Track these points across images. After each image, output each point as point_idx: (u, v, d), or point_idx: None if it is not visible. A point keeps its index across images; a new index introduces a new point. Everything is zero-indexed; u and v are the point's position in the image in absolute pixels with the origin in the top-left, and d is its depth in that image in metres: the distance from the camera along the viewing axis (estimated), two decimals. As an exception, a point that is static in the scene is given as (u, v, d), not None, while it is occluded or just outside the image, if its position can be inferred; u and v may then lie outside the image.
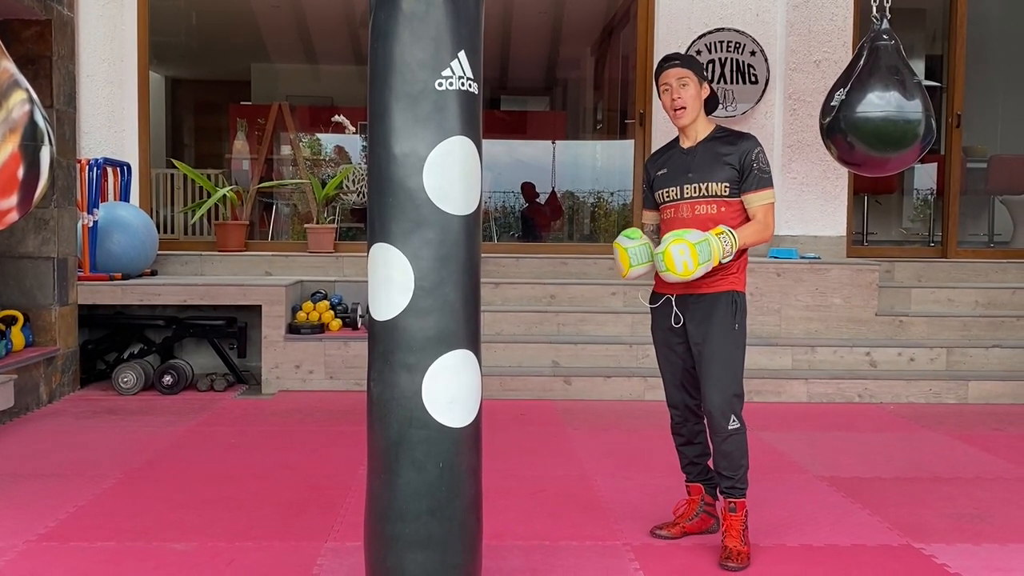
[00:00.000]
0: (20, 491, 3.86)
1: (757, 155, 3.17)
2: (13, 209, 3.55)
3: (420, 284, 2.47)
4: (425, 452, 2.49)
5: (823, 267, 6.45)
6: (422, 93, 2.46)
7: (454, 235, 2.49)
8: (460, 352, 2.52)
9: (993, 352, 6.25)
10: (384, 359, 2.52)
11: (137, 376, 5.87)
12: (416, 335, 2.48)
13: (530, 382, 5.87)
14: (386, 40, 2.48)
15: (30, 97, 3.57)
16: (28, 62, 5.39)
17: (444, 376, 2.49)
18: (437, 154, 2.46)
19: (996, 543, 3.40)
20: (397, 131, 2.47)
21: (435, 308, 2.48)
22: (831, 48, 7.07)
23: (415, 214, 2.46)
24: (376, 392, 2.55)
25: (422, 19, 2.46)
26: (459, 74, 2.49)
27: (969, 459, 4.59)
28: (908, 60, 4.02)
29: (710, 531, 3.42)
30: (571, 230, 10.13)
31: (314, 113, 9.93)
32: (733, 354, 3.19)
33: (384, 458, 2.53)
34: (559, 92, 12.56)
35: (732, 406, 3.16)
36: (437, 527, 2.50)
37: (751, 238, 3.15)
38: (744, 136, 3.25)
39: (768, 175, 3.18)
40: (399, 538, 2.50)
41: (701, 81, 3.24)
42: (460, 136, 2.49)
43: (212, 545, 3.28)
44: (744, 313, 3.22)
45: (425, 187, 2.46)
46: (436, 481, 2.50)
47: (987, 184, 8.88)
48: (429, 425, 2.49)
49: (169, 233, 8.24)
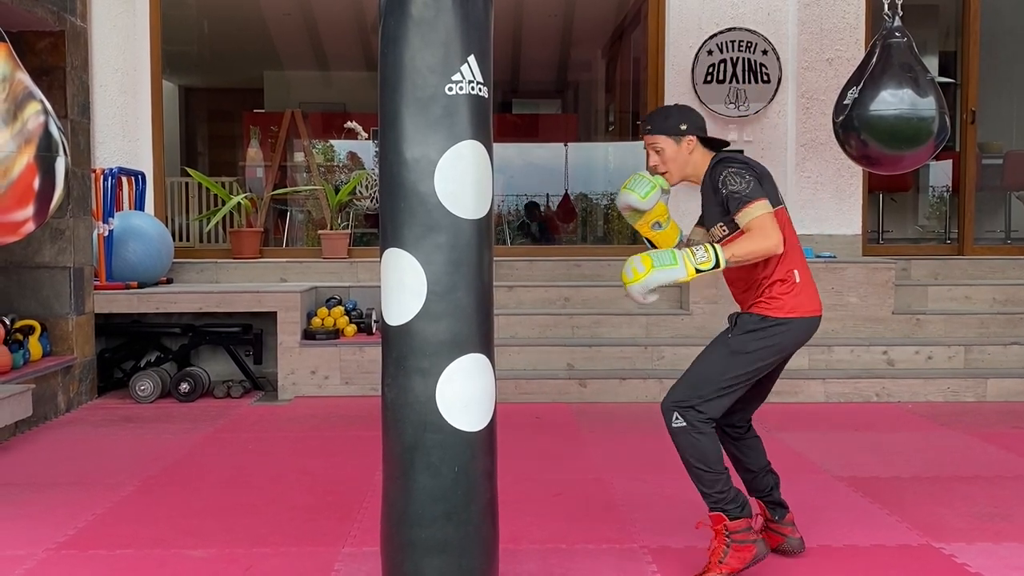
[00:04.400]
0: (39, 500, 3.88)
1: (724, 180, 2.96)
2: (29, 220, 3.58)
3: (433, 289, 2.47)
4: (440, 456, 2.49)
5: (839, 266, 6.42)
6: (432, 98, 2.46)
7: (466, 239, 2.50)
8: (473, 356, 2.52)
9: (1012, 349, 6.20)
10: (398, 364, 2.53)
11: (154, 384, 5.90)
12: (429, 339, 2.48)
13: (545, 385, 5.87)
14: (396, 46, 2.49)
15: (44, 108, 3.60)
16: (42, 73, 5.42)
17: (458, 380, 2.49)
18: (448, 158, 2.47)
19: (1017, 542, 3.37)
20: (408, 136, 2.47)
21: (448, 312, 2.48)
22: (843, 46, 7.04)
23: (427, 219, 2.47)
24: (391, 397, 2.55)
25: (431, 24, 2.46)
26: (469, 78, 2.49)
27: (989, 458, 4.56)
28: (921, 57, 4.00)
29: (780, 550, 3.22)
30: (584, 232, 10.13)
31: (327, 119, 9.98)
32: (707, 362, 3.05)
33: (399, 463, 2.53)
34: (571, 95, 12.56)
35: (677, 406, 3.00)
36: (453, 531, 2.50)
37: (742, 248, 2.88)
38: (712, 168, 3.05)
39: (740, 193, 2.91)
40: (416, 543, 2.50)
41: (678, 139, 3.06)
42: (471, 140, 2.50)
43: (230, 552, 3.29)
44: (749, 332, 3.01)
45: (436, 191, 2.46)
46: (451, 485, 2.49)
47: (1003, 180, 8.82)
48: (444, 429, 2.49)
49: (184, 241, 8.29)
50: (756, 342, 3.00)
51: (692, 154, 3.09)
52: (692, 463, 3.00)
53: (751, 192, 2.91)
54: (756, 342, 3.00)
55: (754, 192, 2.92)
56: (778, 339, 3.01)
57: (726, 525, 2.99)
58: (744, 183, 2.93)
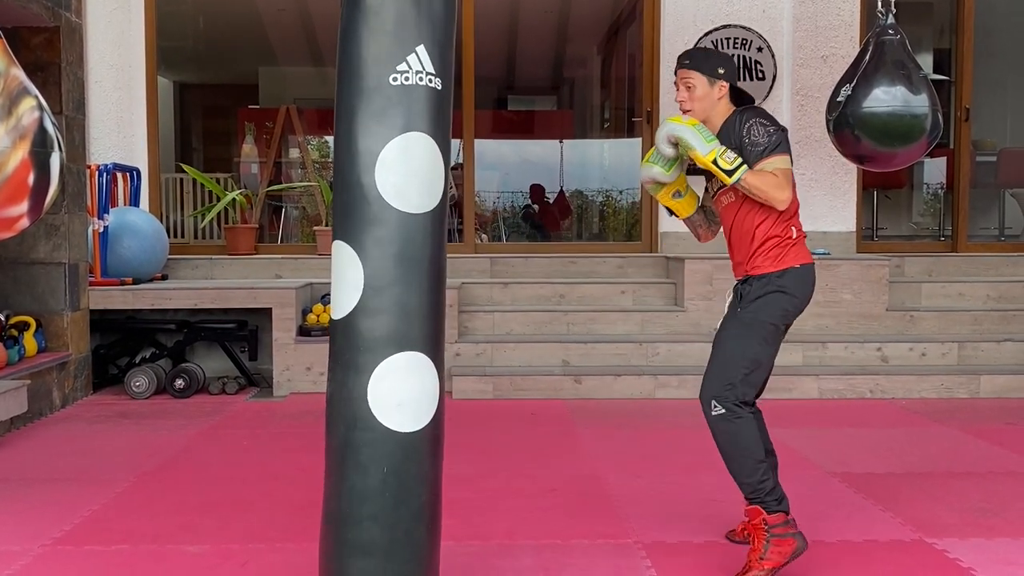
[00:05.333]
0: (34, 496, 3.89)
1: (748, 129, 3.00)
2: (24, 215, 3.58)
3: (370, 283, 2.39)
4: (369, 456, 2.39)
5: (833, 263, 6.43)
6: (376, 89, 2.39)
7: (409, 233, 2.40)
8: (411, 354, 2.42)
9: (1005, 346, 6.23)
10: (336, 358, 2.45)
11: (149, 380, 5.90)
12: (364, 335, 2.39)
13: (540, 382, 5.88)
14: (347, 37, 2.43)
15: (39, 104, 3.60)
16: (37, 69, 5.41)
17: (391, 378, 2.39)
18: (391, 150, 2.38)
19: (1009, 537, 3.39)
20: (356, 128, 2.41)
21: (385, 308, 2.39)
22: (838, 43, 7.05)
23: (367, 212, 2.39)
24: (330, 391, 2.48)
25: (378, 13, 2.39)
26: (417, 69, 2.40)
27: (981, 453, 4.58)
28: (915, 54, 4.01)
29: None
30: (580, 229, 10.13)
31: (322, 116, 9.95)
32: (728, 342, 3.07)
33: (332, 460, 2.46)
34: (566, 91, 12.55)
35: (714, 394, 3.02)
36: (379, 534, 2.41)
37: (759, 182, 2.93)
38: (737, 113, 3.08)
39: (763, 146, 2.97)
40: (344, 543, 2.43)
41: (712, 80, 3.11)
42: (418, 132, 2.41)
43: (225, 547, 3.30)
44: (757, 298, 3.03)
45: (377, 184, 2.38)
46: (379, 486, 2.40)
47: (997, 177, 8.84)
48: (374, 428, 2.39)
49: (179, 237, 8.28)
50: (770, 305, 3.04)
51: (720, 100, 3.13)
52: (731, 451, 3.00)
53: (780, 145, 2.99)
54: (770, 305, 3.04)
55: (783, 146, 3.00)
56: (787, 294, 3.04)
57: (764, 519, 2.96)
58: (773, 135, 3.00)
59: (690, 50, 3.29)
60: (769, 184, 2.94)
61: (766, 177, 2.94)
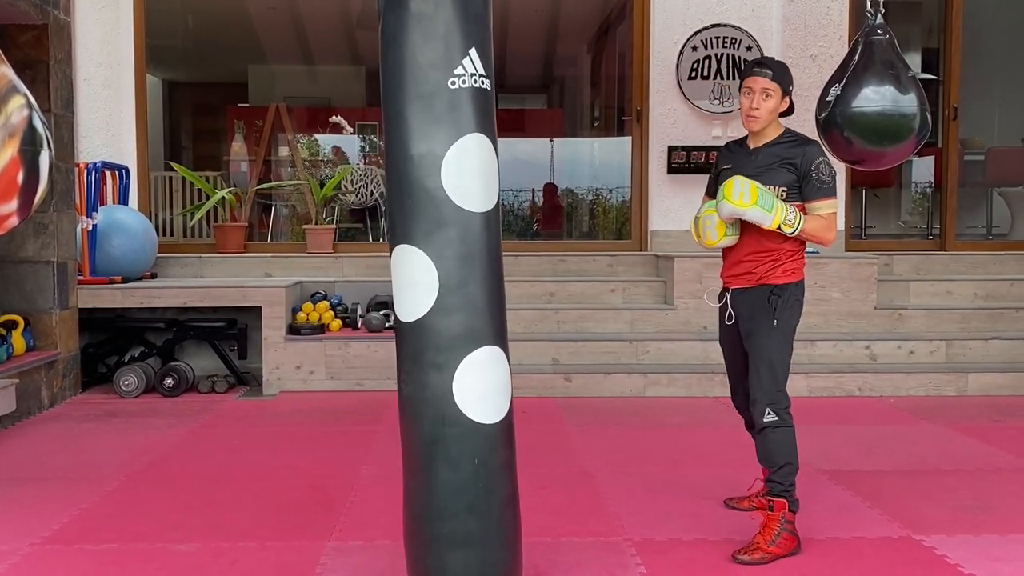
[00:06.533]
0: (23, 495, 3.87)
1: (819, 164, 3.23)
2: (13, 214, 3.56)
3: (444, 283, 2.49)
4: (459, 450, 2.50)
5: (822, 261, 6.45)
6: (435, 93, 2.48)
7: (475, 232, 2.51)
8: (488, 348, 2.54)
9: (992, 344, 6.26)
10: (413, 360, 2.54)
11: (138, 379, 5.88)
12: (443, 334, 2.50)
13: (530, 380, 5.88)
14: (396, 42, 2.50)
15: (28, 102, 3.58)
16: (25, 67, 5.39)
17: (474, 373, 2.51)
18: (454, 152, 2.48)
19: (996, 534, 3.42)
20: (413, 133, 2.48)
21: (461, 306, 2.50)
22: (827, 43, 7.07)
23: (435, 214, 2.48)
24: (407, 392, 2.56)
25: (431, 19, 2.47)
26: (471, 71, 2.50)
27: (969, 451, 4.60)
28: (904, 54, 4.03)
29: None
30: (570, 227, 10.14)
31: (311, 114, 9.93)
32: (771, 350, 3.24)
33: (419, 458, 2.54)
34: (556, 89, 12.56)
35: (770, 400, 3.21)
36: (475, 524, 2.51)
37: (814, 230, 3.21)
38: (809, 143, 3.31)
39: (828, 185, 3.23)
40: (439, 537, 2.52)
41: (784, 95, 3.31)
42: (476, 133, 2.51)
43: (215, 546, 3.29)
44: (786, 307, 3.26)
45: (444, 186, 2.47)
46: (471, 478, 2.51)
47: (985, 176, 8.88)
48: (462, 423, 2.50)
49: (168, 236, 8.25)
50: (794, 312, 3.30)
51: (778, 114, 3.34)
52: (779, 461, 3.19)
53: (833, 188, 3.27)
54: (794, 312, 3.30)
55: (835, 189, 3.28)
56: (799, 302, 3.33)
57: (785, 514, 3.17)
58: (830, 177, 3.27)
59: (768, 59, 3.45)
60: (821, 228, 3.22)
61: (819, 222, 3.22)
